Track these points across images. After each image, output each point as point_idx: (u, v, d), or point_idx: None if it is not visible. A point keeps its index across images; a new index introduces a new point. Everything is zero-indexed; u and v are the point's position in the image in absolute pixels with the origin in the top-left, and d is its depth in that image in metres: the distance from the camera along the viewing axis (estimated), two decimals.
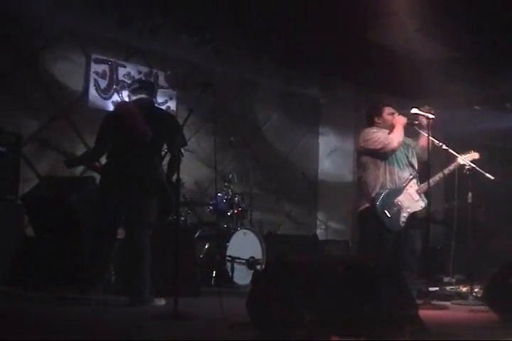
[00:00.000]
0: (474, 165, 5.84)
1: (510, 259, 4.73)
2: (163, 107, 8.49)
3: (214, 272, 6.83)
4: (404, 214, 5.75)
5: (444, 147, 5.88)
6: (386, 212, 5.68)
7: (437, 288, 6.36)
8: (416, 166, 6.04)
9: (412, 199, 5.84)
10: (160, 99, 8.48)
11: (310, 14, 7.34)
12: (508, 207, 9.34)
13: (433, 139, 5.81)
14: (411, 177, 5.92)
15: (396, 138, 5.85)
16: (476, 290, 5.81)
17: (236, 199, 7.35)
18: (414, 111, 5.81)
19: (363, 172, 5.99)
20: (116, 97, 7.99)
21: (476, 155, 5.93)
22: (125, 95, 7.25)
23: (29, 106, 7.01)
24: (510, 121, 9.70)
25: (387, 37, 7.92)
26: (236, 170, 8.13)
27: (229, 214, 7.33)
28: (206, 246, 6.96)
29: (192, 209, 7.59)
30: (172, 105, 8.58)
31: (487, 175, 5.86)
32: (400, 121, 5.94)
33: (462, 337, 3.65)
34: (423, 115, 5.77)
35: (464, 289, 6.21)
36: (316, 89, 10.07)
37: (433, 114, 5.74)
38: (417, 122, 5.94)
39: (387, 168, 5.88)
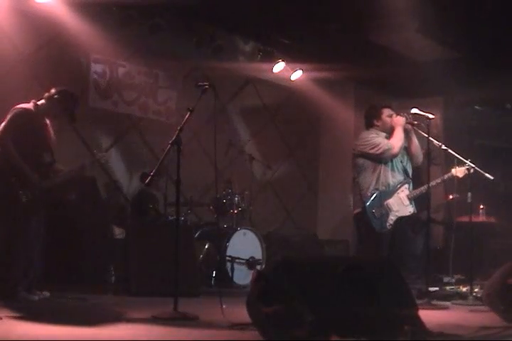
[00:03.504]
0: (473, 165, 5.83)
1: (510, 259, 4.72)
2: (163, 107, 8.49)
3: (214, 272, 6.83)
4: (392, 218, 5.77)
5: (444, 147, 5.87)
6: (375, 212, 5.70)
7: (437, 288, 6.36)
8: (410, 172, 6.03)
9: (401, 204, 5.85)
10: (160, 99, 8.47)
11: (310, 14, 7.34)
12: (508, 207, 9.33)
13: (432, 139, 5.80)
14: (404, 181, 5.92)
15: (397, 143, 5.83)
16: (476, 290, 5.81)
17: (236, 199, 7.34)
18: (414, 111, 5.81)
19: (357, 174, 6.00)
20: (116, 97, 7.98)
21: (470, 169, 5.82)
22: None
23: None
24: (510, 121, 9.70)
25: (387, 37, 7.92)
26: (236, 170, 8.12)
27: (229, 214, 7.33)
28: (206, 246, 6.95)
29: (192, 209, 7.57)
30: (172, 105, 8.57)
31: (487, 175, 5.85)
32: (399, 122, 5.93)
33: (462, 337, 3.65)
34: (423, 115, 5.77)
35: (464, 289, 6.21)
36: (316, 88, 10.06)
37: (433, 114, 5.74)
38: (416, 122, 5.93)
39: (382, 171, 5.88)
